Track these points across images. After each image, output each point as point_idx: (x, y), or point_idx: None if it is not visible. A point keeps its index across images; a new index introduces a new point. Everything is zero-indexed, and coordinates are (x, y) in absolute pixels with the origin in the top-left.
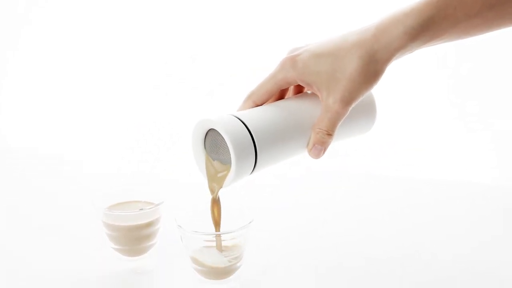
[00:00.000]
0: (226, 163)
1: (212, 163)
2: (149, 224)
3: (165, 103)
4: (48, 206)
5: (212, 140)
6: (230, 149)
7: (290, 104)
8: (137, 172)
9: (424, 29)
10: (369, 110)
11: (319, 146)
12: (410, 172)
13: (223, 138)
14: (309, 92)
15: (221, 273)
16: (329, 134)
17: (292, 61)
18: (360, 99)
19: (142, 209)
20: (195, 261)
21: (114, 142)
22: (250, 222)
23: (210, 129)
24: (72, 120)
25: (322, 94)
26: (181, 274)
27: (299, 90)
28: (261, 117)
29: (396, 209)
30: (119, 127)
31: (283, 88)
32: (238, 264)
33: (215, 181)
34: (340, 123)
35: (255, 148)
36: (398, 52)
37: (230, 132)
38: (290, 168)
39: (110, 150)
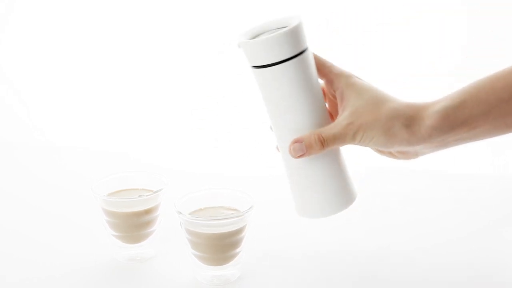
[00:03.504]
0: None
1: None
2: (148, 211)
3: (165, 103)
4: (47, 194)
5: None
6: (284, 29)
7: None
8: (138, 172)
9: (456, 111)
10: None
11: (304, 148)
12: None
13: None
14: None
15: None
16: (322, 146)
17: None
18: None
19: (141, 195)
20: (192, 238)
21: (114, 141)
22: (250, 208)
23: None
24: (75, 116)
25: (343, 108)
26: (181, 261)
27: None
28: None
29: (392, 200)
30: (119, 125)
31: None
32: (237, 250)
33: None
34: (340, 145)
35: (298, 54)
36: (433, 131)
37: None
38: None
39: (109, 149)
